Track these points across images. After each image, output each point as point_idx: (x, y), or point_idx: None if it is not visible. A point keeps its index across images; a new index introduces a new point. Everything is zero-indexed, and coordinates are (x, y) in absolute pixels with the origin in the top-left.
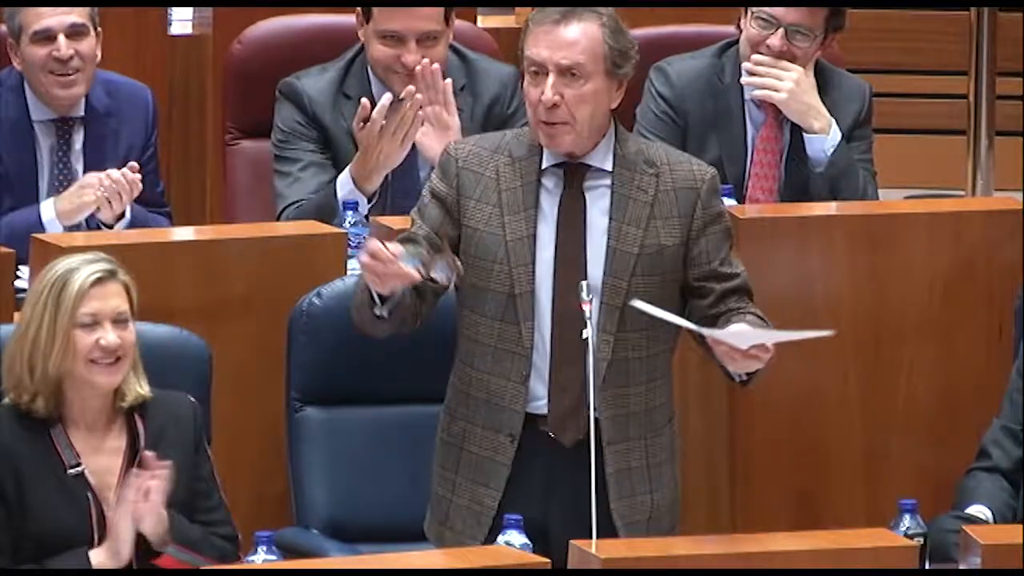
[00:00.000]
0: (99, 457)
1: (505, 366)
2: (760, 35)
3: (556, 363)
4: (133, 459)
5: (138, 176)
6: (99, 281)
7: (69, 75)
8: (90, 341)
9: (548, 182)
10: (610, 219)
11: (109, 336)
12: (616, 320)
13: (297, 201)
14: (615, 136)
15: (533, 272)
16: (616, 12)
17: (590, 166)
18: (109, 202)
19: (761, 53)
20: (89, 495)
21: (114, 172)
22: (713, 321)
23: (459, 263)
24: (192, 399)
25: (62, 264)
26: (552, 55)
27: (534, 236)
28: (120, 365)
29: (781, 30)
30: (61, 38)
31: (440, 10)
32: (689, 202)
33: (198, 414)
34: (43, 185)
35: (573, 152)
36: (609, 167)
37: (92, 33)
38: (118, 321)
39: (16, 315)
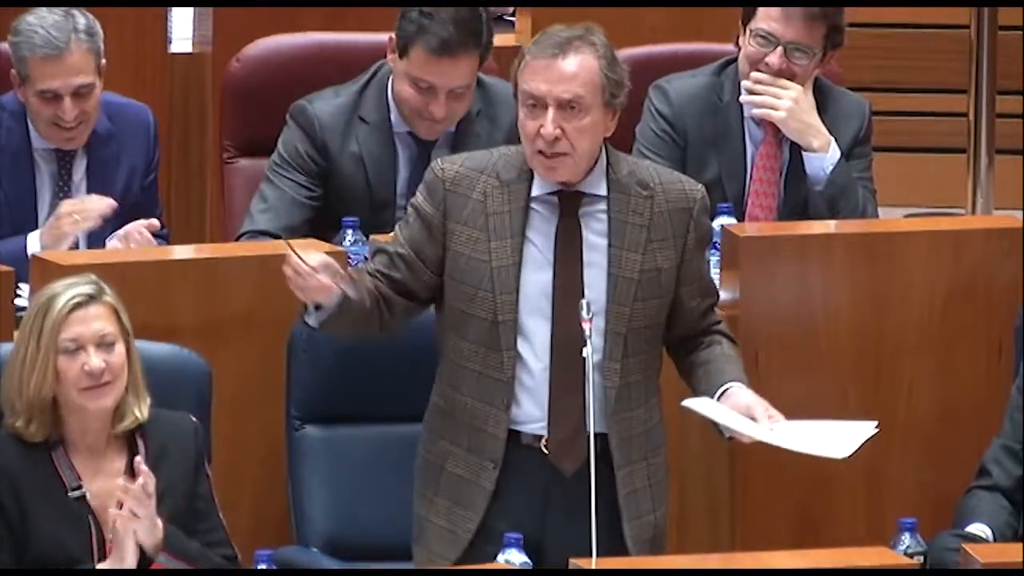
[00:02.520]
0: (100, 479)
1: (489, 392)
2: (759, 53)
3: (556, 392)
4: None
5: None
6: (78, 306)
7: (72, 129)
8: (75, 367)
9: (541, 208)
10: (609, 245)
11: (93, 361)
12: (622, 346)
13: (262, 231)
14: (607, 160)
15: (517, 300)
16: (615, 25)
17: (585, 193)
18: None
19: (760, 71)
20: (90, 517)
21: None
22: (696, 341)
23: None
24: (193, 419)
25: (49, 289)
26: (552, 89)
27: (519, 264)
28: (110, 388)
29: (780, 48)
30: (67, 100)
31: (475, 63)
32: (683, 222)
33: (199, 433)
34: (42, 214)
35: (569, 181)
36: (603, 192)
37: (98, 85)
38: (102, 344)
39: (15, 334)
